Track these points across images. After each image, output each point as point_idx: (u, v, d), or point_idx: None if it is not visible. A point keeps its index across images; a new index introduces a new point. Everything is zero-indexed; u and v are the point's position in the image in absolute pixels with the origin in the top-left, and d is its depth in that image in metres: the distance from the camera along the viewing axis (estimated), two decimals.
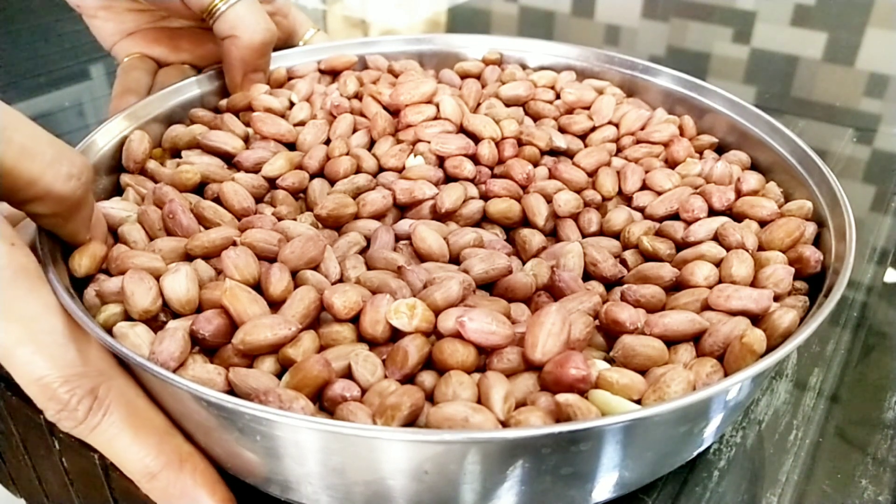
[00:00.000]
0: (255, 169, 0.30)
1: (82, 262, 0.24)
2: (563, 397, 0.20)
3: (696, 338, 0.23)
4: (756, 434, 0.26)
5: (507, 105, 0.34)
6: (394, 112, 0.33)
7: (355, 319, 0.23)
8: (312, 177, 0.30)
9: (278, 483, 0.22)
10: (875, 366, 0.29)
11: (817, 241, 0.27)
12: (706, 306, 0.24)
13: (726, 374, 0.22)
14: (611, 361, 0.23)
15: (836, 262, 0.25)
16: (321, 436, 0.19)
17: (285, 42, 0.40)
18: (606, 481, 0.22)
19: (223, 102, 0.35)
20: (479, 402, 0.20)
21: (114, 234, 0.27)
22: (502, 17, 0.67)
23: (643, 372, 0.22)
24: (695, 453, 0.24)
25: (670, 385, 0.21)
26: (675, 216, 0.29)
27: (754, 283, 0.25)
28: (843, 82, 0.53)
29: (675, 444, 0.22)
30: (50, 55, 0.58)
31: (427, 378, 0.22)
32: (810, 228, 0.27)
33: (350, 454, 0.20)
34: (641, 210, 0.30)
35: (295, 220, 0.28)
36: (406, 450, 0.19)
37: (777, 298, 0.24)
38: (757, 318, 0.23)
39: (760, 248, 0.27)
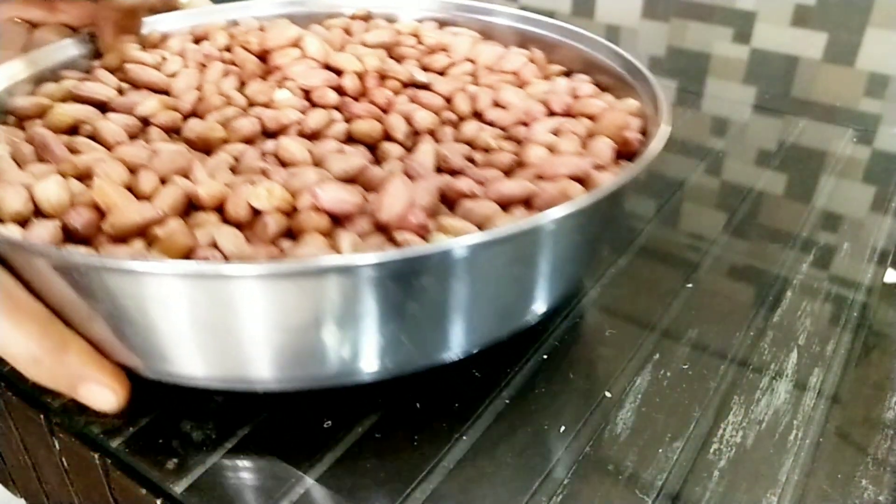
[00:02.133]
0: (129, 112, 0.31)
1: None
2: (400, 235, 0.23)
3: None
4: (756, 434, 0.26)
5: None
6: (262, 59, 0.35)
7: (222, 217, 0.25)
8: (185, 119, 0.31)
9: (149, 357, 0.23)
10: (875, 366, 0.29)
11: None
12: (539, 178, 0.27)
13: None
14: None
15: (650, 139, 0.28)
16: (167, 284, 0.20)
17: (166, 2, 0.41)
18: (445, 334, 0.24)
19: (96, 63, 0.35)
20: None
21: None
22: None
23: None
24: (529, 318, 0.26)
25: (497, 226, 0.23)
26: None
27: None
28: (843, 82, 0.53)
29: (503, 295, 0.24)
30: None
31: (286, 245, 0.24)
32: (636, 122, 0.30)
33: (204, 304, 0.21)
34: (492, 123, 0.32)
35: None
36: (250, 291, 0.20)
37: (601, 170, 0.28)
38: (582, 183, 0.27)
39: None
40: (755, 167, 0.43)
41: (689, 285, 0.33)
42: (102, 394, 0.23)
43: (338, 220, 0.24)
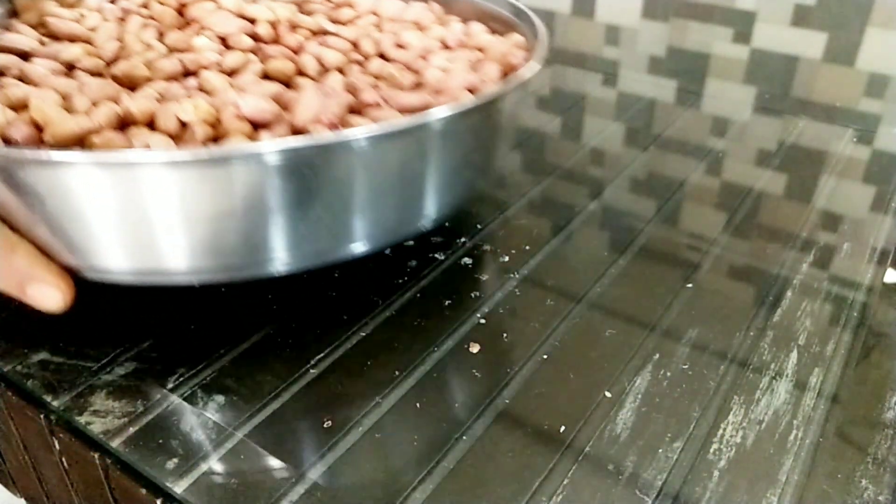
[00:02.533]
0: (53, 58, 0.32)
1: None
2: (314, 130, 0.26)
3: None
4: (756, 434, 0.26)
5: None
6: (179, 14, 0.37)
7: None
8: (109, 65, 0.32)
9: (84, 253, 0.25)
10: (875, 366, 0.29)
11: None
12: (436, 94, 0.31)
13: None
14: None
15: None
16: (89, 175, 0.22)
17: None
18: (348, 226, 0.27)
19: (13, 21, 0.36)
20: None
21: None
22: None
23: None
24: (425, 222, 0.29)
25: None
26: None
27: None
28: (843, 82, 0.53)
29: (399, 191, 0.27)
30: None
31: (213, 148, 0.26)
32: (521, 53, 0.34)
33: (122, 194, 0.23)
34: (395, 61, 0.35)
35: None
36: (165, 180, 0.23)
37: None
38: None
39: None
40: (755, 167, 0.43)
41: (689, 285, 0.33)
42: (49, 293, 0.25)
43: (258, 128, 0.27)
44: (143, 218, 0.24)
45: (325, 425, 0.26)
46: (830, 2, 0.52)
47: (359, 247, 0.28)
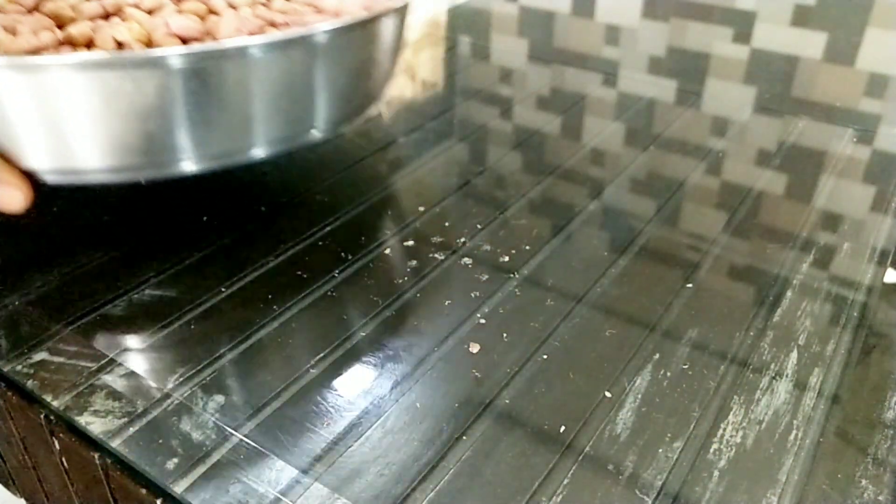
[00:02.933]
0: None
1: None
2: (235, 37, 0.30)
3: None
4: (756, 434, 0.26)
5: None
6: None
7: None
8: (30, 12, 0.34)
9: (26, 155, 0.28)
10: (875, 366, 0.29)
11: None
12: (336, 15, 0.36)
13: None
14: None
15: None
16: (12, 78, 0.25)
17: None
18: (246, 129, 0.30)
19: None
20: None
21: None
22: (502, 17, 0.67)
23: None
24: (315, 132, 0.33)
25: None
26: None
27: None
28: (843, 82, 0.53)
29: (287, 99, 0.30)
30: None
31: None
32: None
33: (38, 98, 0.26)
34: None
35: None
36: (77, 82, 0.26)
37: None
38: None
39: None
40: (755, 167, 0.43)
41: (689, 285, 0.33)
42: (12, 194, 0.28)
43: (187, 44, 0.30)
44: (59, 118, 0.26)
45: (325, 425, 0.26)
46: (830, 2, 0.52)
47: (258, 152, 0.31)
